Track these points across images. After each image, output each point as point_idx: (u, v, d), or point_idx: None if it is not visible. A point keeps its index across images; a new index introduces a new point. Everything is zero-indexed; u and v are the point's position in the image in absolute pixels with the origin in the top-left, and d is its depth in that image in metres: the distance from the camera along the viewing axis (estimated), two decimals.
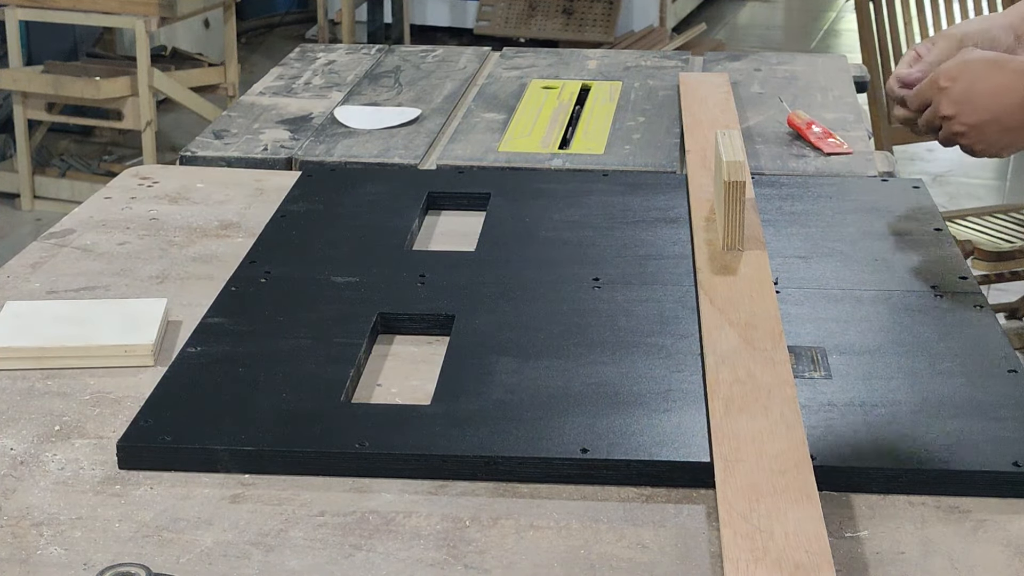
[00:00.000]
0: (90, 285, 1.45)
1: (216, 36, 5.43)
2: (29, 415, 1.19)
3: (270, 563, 1.00)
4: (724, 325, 1.26)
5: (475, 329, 1.31)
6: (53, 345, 1.27)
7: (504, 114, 1.94)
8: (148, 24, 4.16)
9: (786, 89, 2.06)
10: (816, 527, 0.98)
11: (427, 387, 1.22)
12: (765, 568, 0.94)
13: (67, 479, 1.10)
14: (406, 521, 1.05)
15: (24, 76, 4.33)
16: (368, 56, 2.25)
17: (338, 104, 1.99)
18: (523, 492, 1.09)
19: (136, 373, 1.26)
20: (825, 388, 1.20)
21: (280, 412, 1.16)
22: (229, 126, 1.90)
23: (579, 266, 1.44)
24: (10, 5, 4.25)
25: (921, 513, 1.06)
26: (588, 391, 1.19)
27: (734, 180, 1.38)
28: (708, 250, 1.42)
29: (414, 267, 1.44)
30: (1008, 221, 3.12)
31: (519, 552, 1.01)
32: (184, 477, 1.10)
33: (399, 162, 1.77)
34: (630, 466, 1.09)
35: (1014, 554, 1.01)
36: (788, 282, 1.40)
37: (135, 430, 1.14)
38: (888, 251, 1.47)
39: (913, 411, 1.16)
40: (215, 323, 1.32)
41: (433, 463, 1.10)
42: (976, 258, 2.93)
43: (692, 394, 1.18)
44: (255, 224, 1.58)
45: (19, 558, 1.00)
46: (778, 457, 1.06)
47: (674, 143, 1.83)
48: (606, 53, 2.32)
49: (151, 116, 4.28)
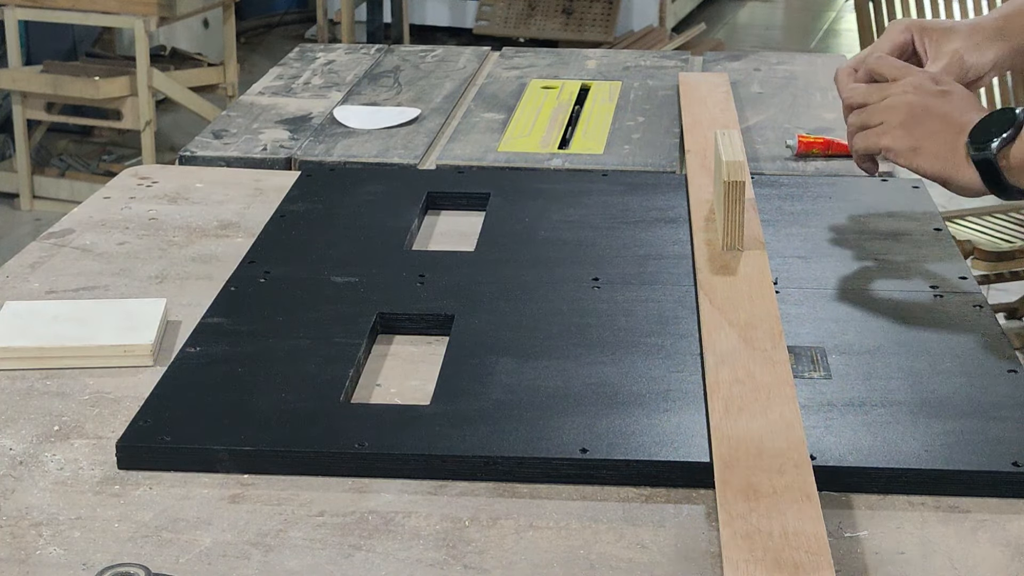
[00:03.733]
0: (89, 285, 1.44)
1: (215, 36, 5.43)
2: (28, 415, 1.19)
3: (269, 563, 1.00)
4: (724, 325, 1.26)
5: (475, 329, 1.31)
6: (52, 345, 1.27)
7: (503, 114, 1.94)
8: (147, 24, 4.17)
9: (786, 89, 2.06)
10: (816, 527, 0.98)
11: (427, 387, 1.22)
12: (764, 568, 0.94)
13: (66, 479, 1.10)
14: (405, 521, 1.05)
15: (23, 76, 4.33)
16: (367, 56, 2.25)
17: (337, 104, 1.99)
18: (523, 492, 1.09)
19: (135, 373, 1.26)
20: (825, 388, 1.20)
21: (279, 412, 1.16)
22: (228, 126, 1.90)
23: (578, 266, 1.44)
24: (9, 5, 4.25)
25: (921, 513, 1.06)
26: (587, 391, 1.19)
27: (734, 180, 1.37)
28: (708, 250, 1.42)
29: (413, 267, 1.44)
30: (1008, 221, 3.12)
31: (519, 552, 1.01)
32: (183, 477, 1.10)
33: (398, 162, 1.77)
34: (629, 466, 1.09)
35: (1014, 554, 1.01)
36: (788, 282, 1.40)
37: (134, 430, 1.14)
38: (888, 251, 1.47)
39: (913, 411, 1.16)
40: (214, 323, 1.32)
41: (432, 463, 1.10)
42: (976, 258, 2.93)
43: (692, 394, 1.18)
44: (254, 224, 1.58)
45: (18, 558, 1.00)
46: (778, 457, 1.06)
47: (673, 143, 1.83)
48: (605, 53, 2.32)
49: (150, 116, 4.28)
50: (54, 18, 4.30)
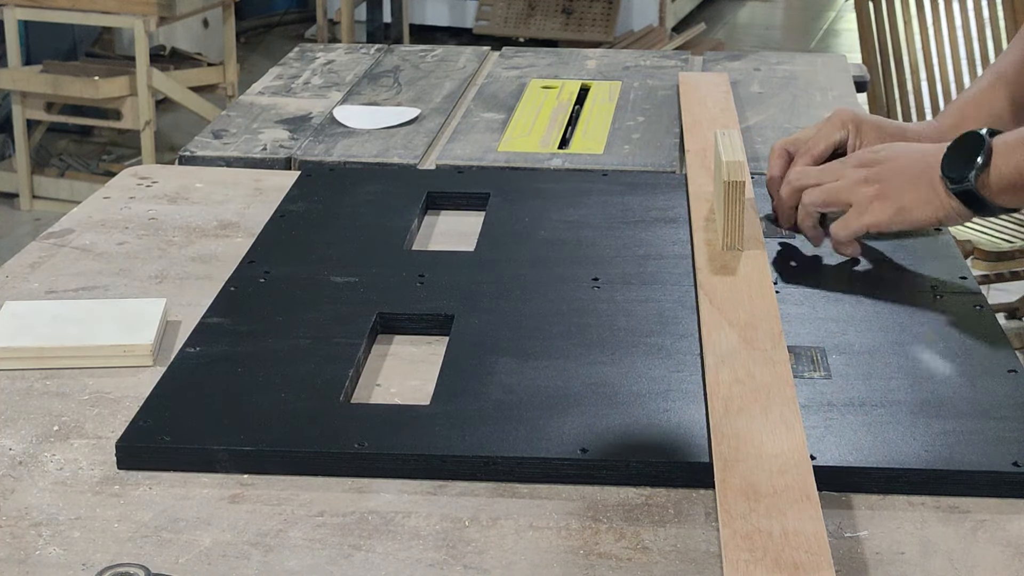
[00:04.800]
0: (89, 285, 1.44)
1: (215, 36, 5.43)
2: (28, 415, 1.19)
3: (269, 563, 1.00)
4: (724, 325, 1.26)
5: (474, 329, 1.30)
6: (52, 345, 1.27)
7: (503, 114, 1.94)
8: (147, 24, 4.16)
9: (786, 89, 2.06)
10: (815, 527, 0.98)
11: (426, 387, 1.22)
12: (764, 568, 0.94)
13: (66, 479, 1.10)
14: (405, 521, 1.05)
15: (23, 76, 4.33)
16: (367, 56, 2.25)
17: (337, 104, 1.99)
18: (522, 492, 1.08)
19: (135, 373, 1.26)
20: (825, 388, 1.19)
21: (279, 412, 1.16)
22: (228, 126, 1.90)
23: (578, 266, 1.44)
24: (9, 4, 4.25)
25: (921, 513, 1.06)
26: (587, 391, 1.19)
27: (733, 180, 1.37)
28: (707, 250, 1.42)
29: (413, 267, 1.44)
30: (1008, 221, 3.11)
31: (518, 552, 1.01)
32: (183, 477, 1.10)
33: (398, 162, 1.77)
34: (629, 466, 1.09)
35: (1014, 554, 1.01)
36: (788, 282, 1.40)
37: (134, 430, 1.14)
38: (888, 251, 1.47)
39: (913, 411, 1.16)
40: (214, 323, 1.32)
41: (432, 463, 1.10)
42: (976, 258, 2.93)
43: (691, 394, 1.18)
44: (254, 224, 1.58)
45: (18, 558, 1.00)
46: (777, 457, 1.06)
47: (673, 143, 1.83)
48: (605, 53, 2.32)
49: (150, 116, 4.28)
50: (54, 18, 4.30)
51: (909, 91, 3.20)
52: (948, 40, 3.25)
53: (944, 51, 3.24)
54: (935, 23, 3.24)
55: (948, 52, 3.25)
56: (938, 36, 3.24)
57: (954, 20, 3.25)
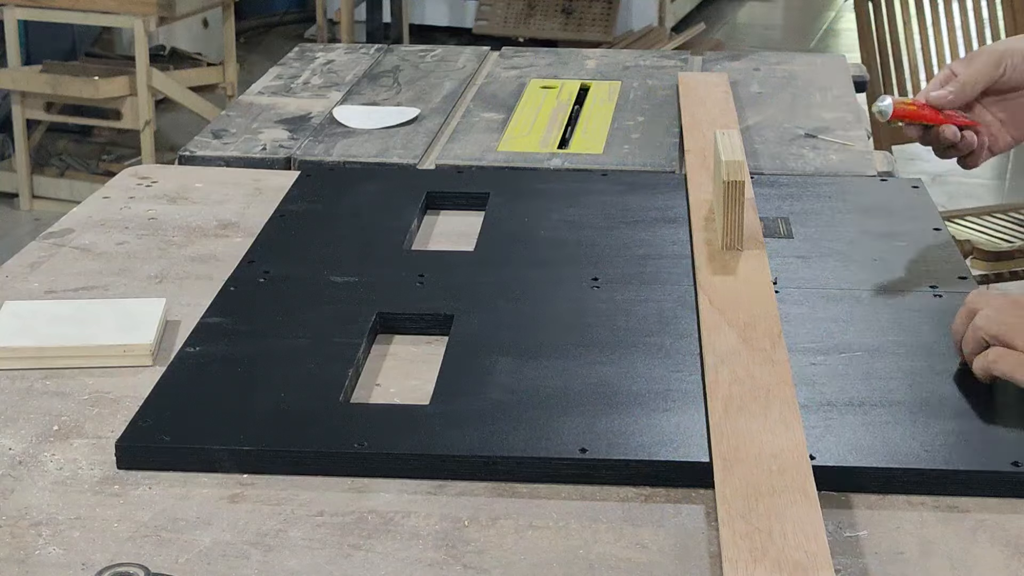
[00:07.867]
0: (89, 285, 1.44)
1: (215, 36, 5.43)
2: (27, 415, 1.19)
3: (269, 563, 1.00)
4: (723, 325, 1.26)
5: (474, 329, 1.30)
6: (52, 345, 1.27)
7: (503, 114, 1.94)
8: (147, 24, 4.16)
9: (785, 89, 2.06)
10: (815, 527, 0.98)
11: (426, 387, 1.22)
12: (764, 568, 0.94)
13: (65, 479, 1.10)
14: (405, 521, 1.05)
15: (23, 75, 4.33)
16: (367, 56, 2.25)
17: (337, 104, 1.99)
18: (522, 492, 1.08)
19: (135, 373, 1.26)
20: (825, 388, 1.19)
21: (279, 412, 1.16)
22: (228, 126, 1.90)
23: (578, 266, 1.44)
24: (8, 4, 4.25)
25: (920, 513, 1.06)
26: (587, 391, 1.19)
27: (733, 180, 1.37)
28: (707, 250, 1.42)
29: (413, 267, 1.44)
30: (1007, 221, 3.12)
31: (518, 552, 1.01)
32: (183, 477, 1.10)
33: (398, 162, 1.77)
34: (629, 466, 1.09)
35: (1013, 554, 1.01)
36: (788, 282, 1.40)
37: (134, 430, 1.14)
38: (888, 251, 1.47)
39: (913, 411, 1.16)
40: (214, 323, 1.32)
41: (432, 463, 1.10)
42: (975, 258, 2.93)
43: (691, 394, 1.18)
44: (254, 224, 1.58)
45: (17, 558, 1.00)
46: (777, 457, 1.06)
47: (673, 143, 1.83)
48: (605, 53, 2.32)
49: (150, 116, 4.28)
50: (54, 18, 4.29)
51: (909, 91, 3.20)
52: (948, 40, 3.25)
53: (944, 51, 3.24)
54: (935, 23, 3.24)
55: (948, 52, 3.25)
56: (937, 36, 3.24)
57: (954, 20, 3.25)
